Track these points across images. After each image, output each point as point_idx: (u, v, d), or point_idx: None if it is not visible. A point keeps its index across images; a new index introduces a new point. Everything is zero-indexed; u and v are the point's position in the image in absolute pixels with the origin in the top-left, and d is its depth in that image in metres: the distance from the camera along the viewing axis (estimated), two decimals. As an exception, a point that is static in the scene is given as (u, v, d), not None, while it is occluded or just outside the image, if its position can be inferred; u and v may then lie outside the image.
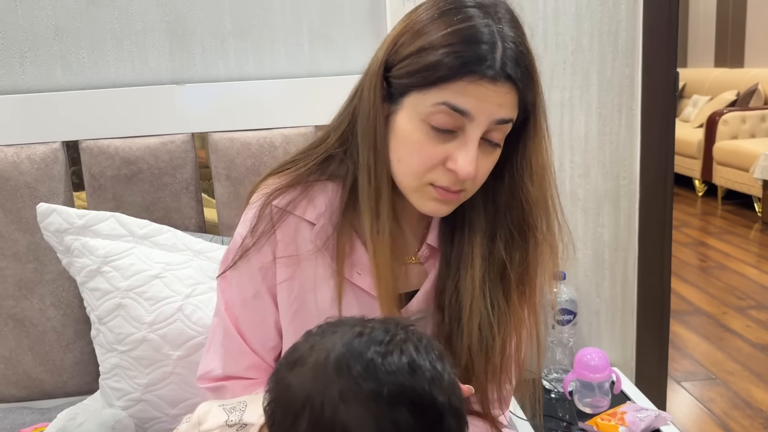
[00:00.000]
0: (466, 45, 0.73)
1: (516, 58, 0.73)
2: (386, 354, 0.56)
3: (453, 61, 0.72)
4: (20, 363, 1.41)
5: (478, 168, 0.76)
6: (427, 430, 0.55)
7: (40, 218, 1.25)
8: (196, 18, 1.39)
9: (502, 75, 0.73)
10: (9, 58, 1.37)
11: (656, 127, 1.54)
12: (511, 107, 0.75)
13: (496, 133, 0.77)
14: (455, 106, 0.73)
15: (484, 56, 0.72)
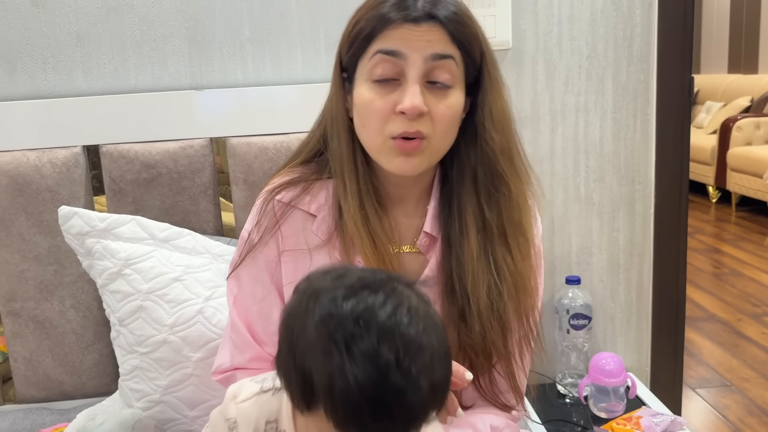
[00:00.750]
0: (384, 2, 0.81)
1: (438, 2, 0.80)
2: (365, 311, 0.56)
3: (378, 16, 0.81)
4: (40, 364, 1.43)
5: (432, 107, 0.80)
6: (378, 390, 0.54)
7: (62, 221, 1.27)
8: (215, 24, 1.41)
9: (425, 16, 0.79)
10: (32, 63, 1.40)
11: (671, 132, 1.54)
12: (443, 43, 0.80)
13: (439, 72, 0.80)
14: (386, 50, 0.80)
15: (404, 5, 0.79)
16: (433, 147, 0.83)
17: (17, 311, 1.40)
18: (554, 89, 1.49)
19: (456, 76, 0.82)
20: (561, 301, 1.50)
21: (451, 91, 0.82)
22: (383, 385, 0.54)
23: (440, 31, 0.79)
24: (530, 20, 1.46)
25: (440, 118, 0.81)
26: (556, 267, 1.57)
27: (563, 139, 1.51)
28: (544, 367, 1.60)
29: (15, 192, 1.36)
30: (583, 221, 1.55)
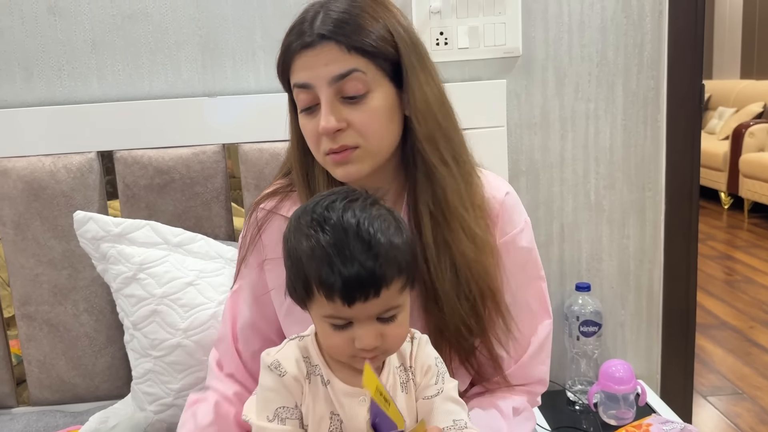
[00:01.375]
0: (295, 29, 0.86)
1: (331, 20, 0.83)
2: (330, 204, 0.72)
3: (285, 48, 0.86)
4: (54, 367, 1.44)
5: (352, 120, 0.84)
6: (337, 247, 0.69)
7: (77, 226, 1.28)
8: (228, 32, 1.43)
9: (317, 38, 0.82)
10: (48, 70, 1.42)
11: (681, 139, 1.54)
12: (340, 61, 0.82)
13: (348, 87, 0.83)
14: (297, 83, 0.85)
15: (302, 31, 0.84)
16: (369, 150, 0.86)
17: (32, 314, 1.42)
18: (564, 96, 1.49)
19: (369, 82, 0.84)
20: (571, 308, 1.50)
21: (369, 97, 0.84)
22: (349, 242, 0.69)
23: (334, 49, 0.82)
24: (540, 28, 1.46)
25: (362, 126, 0.84)
26: (566, 274, 1.57)
27: (573, 145, 1.51)
28: (554, 374, 1.59)
29: (30, 197, 1.38)
30: (593, 228, 1.55)
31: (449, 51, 1.44)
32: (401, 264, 0.72)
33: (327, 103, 0.83)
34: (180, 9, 1.41)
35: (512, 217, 0.95)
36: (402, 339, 0.77)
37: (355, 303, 0.69)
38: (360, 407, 0.75)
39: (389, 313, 0.72)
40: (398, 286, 0.72)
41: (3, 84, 1.42)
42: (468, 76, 1.47)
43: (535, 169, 1.52)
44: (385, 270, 0.70)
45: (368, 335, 0.71)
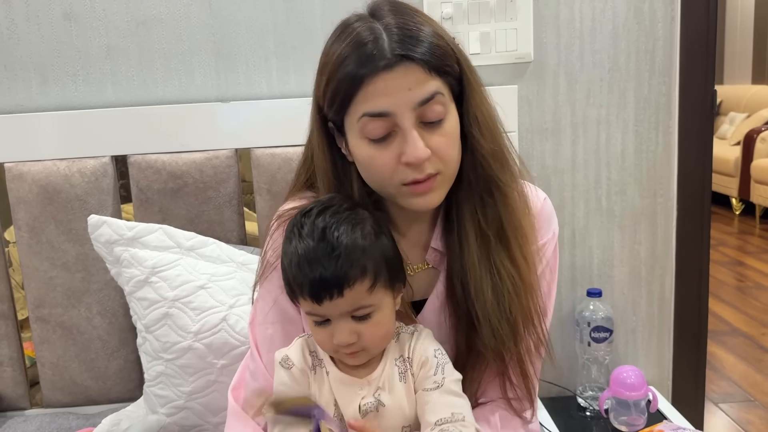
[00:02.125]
0: (354, 54, 0.76)
1: (403, 37, 0.76)
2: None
3: (349, 74, 0.76)
4: (67, 369, 1.46)
5: (434, 146, 0.79)
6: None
7: (91, 230, 1.29)
8: (241, 38, 1.44)
9: (395, 59, 0.75)
10: (63, 76, 1.44)
11: (693, 145, 1.53)
12: (423, 83, 0.77)
13: (430, 112, 0.78)
14: (372, 112, 0.77)
15: (371, 54, 0.75)
16: (448, 176, 0.83)
17: (45, 317, 1.43)
18: (576, 102, 1.49)
19: (446, 103, 0.80)
20: (582, 314, 1.50)
21: (446, 119, 0.80)
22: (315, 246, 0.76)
23: (417, 70, 0.76)
24: (552, 33, 1.46)
25: (444, 151, 0.80)
26: (578, 279, 1.57)
27: (585, 151, 1.51)
28: (565, 380, 1.59)
29: (45, 200, 1.40)
30: (604, 234, 1.55)
31: (461, 57, 1.44)
32: (366, 265, 0.77)
33: (413, 130, 0.77)
34: (193, 15, 1.42)
35: (545, 224, 0.94)
36: (381, 338, 0.81)
37: (322, 301, 0.76)
38: (353, 396, 0.81)
39: (361, 312, 0.78)
40: (366, 286, 0.77)
41: (19, 89, 1.44)
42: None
43: (547, 175, 1.52)
44: (347, 271, 0.75)
45: (342, 332, 0.78)
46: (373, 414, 0.81)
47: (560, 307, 1.58)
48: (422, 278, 0.92)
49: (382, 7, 0.80)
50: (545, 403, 1.52)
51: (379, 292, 0.79)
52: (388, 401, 0.82)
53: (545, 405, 1.51)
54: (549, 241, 0.93)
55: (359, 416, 0.81)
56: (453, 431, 0.78)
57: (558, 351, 1.59)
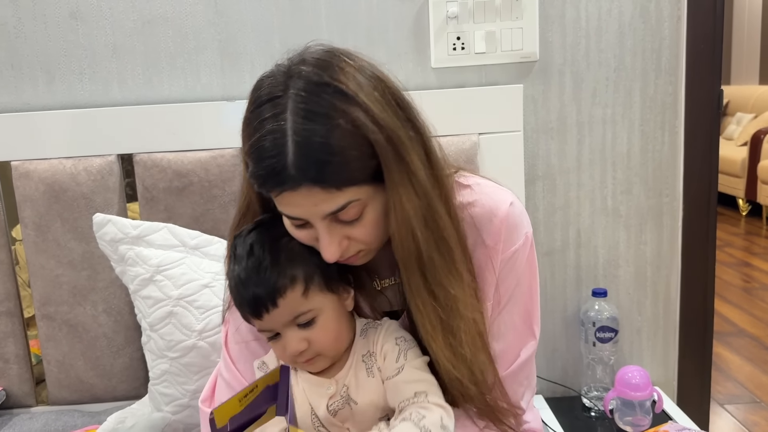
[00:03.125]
0: (258, 164, 0.71)
1: (306, 157, 0.69)
2: None
3: (256, 181, 0.73)
4: (72, 367, 1.46)
5: (354, 236, 0.77)
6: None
7: (96, 228, 1.30)
8: (247, 37, 1.44)
9: (299, 181, 0.70)
10: (69, 74, 1.44)
11: (700, 145, 1.53)
12: (330, 199, 0.72)
13: (345, 215, 0.74)
14: (286, 215, 0.77)
15: (272, 173, 0.70)
16: (373, 250, 0.81)
17: (51, 315, 1.44)
18: (581, 101, 1.49)
19: (365, 200, 0.74)
20: (587, 314, 1.50)
21: (365, 212, 0.76)
22: (245, 265, 0.79)
23: (320, 192, 0.71)
24: (558, 32, 1.46)
25: (364, 240, 0.78)
26: (583, 279, 1.56)
27: (590, 150, 1.51)
28: (569, 380, 1.59)
29: (51, 199, 1.40)
30: (610, 233, 1.55)
31: (466, 56, 1.44)
32: (294, 274, 0.79)
33: (325, 233, 0.75)
34: (199, 14, 1.43)
35: (513, 232, 0.87)
36: (333, 341, 0.82)
37: (262, 316, 0.79)
38: (322, 396, 0.83)
39: (303, 318, 0.80)
40: (298, 292, 0.79)
41: (26, 87, 1.44)
42: (485, 80, 1.47)
43: (552, 174, 1.51)
44: (275, 283, 0.78)
45: (290, 341, 0.80)
46: (346, 412, 0.83)
47: (565, 306, 1.57)
48: (395, 291, 0.90)
49: (291, 86, 0.71)
50: (550, 403, 1.51)
51: (316, 296, 0.80)
52: (359, 398, 0.82)
53: (550, 405, 1.51)
54: (520, 248, 0.87)
55: (329, 416, 0.83)
56: (412, 412, 0.77)
57: (563, 351, 1.59)
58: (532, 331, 0.92)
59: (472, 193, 0.88)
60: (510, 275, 0.88)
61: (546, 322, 1.58)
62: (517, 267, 0.88)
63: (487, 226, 0.86)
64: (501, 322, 0.89)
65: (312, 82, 0.71)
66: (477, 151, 1.43)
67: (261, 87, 0.75)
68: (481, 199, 0.87)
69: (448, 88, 1.46)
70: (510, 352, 0.90)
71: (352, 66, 0.74)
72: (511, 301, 0.89)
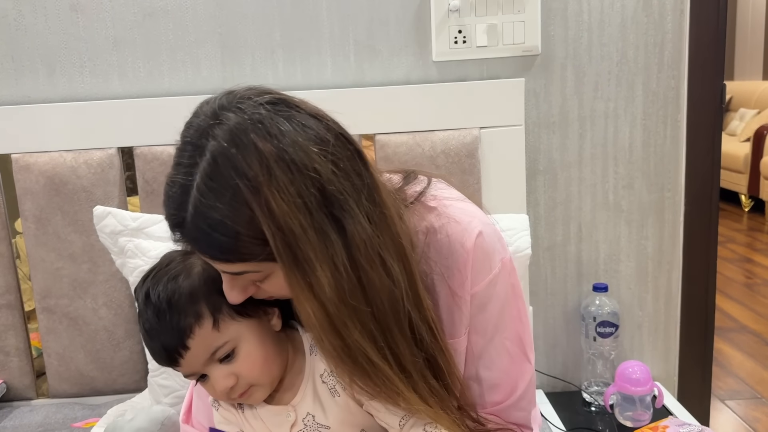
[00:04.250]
0: (166, 203, 0.71)
1: (200, 228, 0.67)
2: None
3: (164, 214, 0.72)
4: (73, 360, 1.46)
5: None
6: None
7: (96, 220, 1.30)
8: (247, 30, 1.44)
9: (193, 245, 0.69)
10: (70, 67, 1.44)
11: (702, 139, 1.52)
12: (225, 265, 0.70)
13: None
14: None
15: (175, 222, 0.70)
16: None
17: (52, 308, 1.44)
18: (583, 95, 1.48)
19: (266, 274, 0.71)
20: (588, 309, 1.49)
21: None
22: (147, 317, 0.75)
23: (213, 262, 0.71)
24: (560, 26, 1.45)
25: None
26: (584, 274, 1.56)
27: (592, 145, 1.50)
28: (570, 375, 1.59)
29: (52, 192, 1.40)
30: (611, 228, 1.54)
31: (468, 49, 1.43)
32: (198, 309, 0.74)
33: (227, 281, 0.73)
34: (200, 7, 1.42)
35: (485, 263, 0.81)
36: (261, 367, 0.76)
37: (178, 363, 0.75)
38: (284, 424, 0.79)
39: (222, 352, 0.75)
40: (207, 328, 0.74)
41: (26, 80, 1.44)
42: (486, 74, 1.46)
43: (553, 169, 1.51)
44: (179, 324, 0.73)
45: (217, 381, 0.75)
46: None
47: (566, 301, 1.57)
48: None
49: (218, 133, 0.67)
50: (550, 398, 1.51)
51: (228, 326, 0.75)
52: (330, 421, 0.78)
53: (550, 400, 1.50)
54: (496, 276, 0.82)
55: None
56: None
57: (563, 346, 1.59)
58: (526, 357, 0.87)
59: (438, 217, 0.81)
60: (490, 304, 0.83)
61: (547, 317, 1.58)
62: (496, 295, 0.83)
63: (453, 259, 0.80)
64: (492, 350, 0.85)
65: (224, 155, 0.66)
66: (478, 145, 1.43)
67: (190, 126, 0.72)
68: (446, 226, 0.80)
69: (449, 81, 1.45)
70: (506, 380, 0.86)
71: (272, 144, 0.66)
72: (499, 329, 0.84)
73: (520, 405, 0.87)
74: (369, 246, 0.69)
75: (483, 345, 0.84)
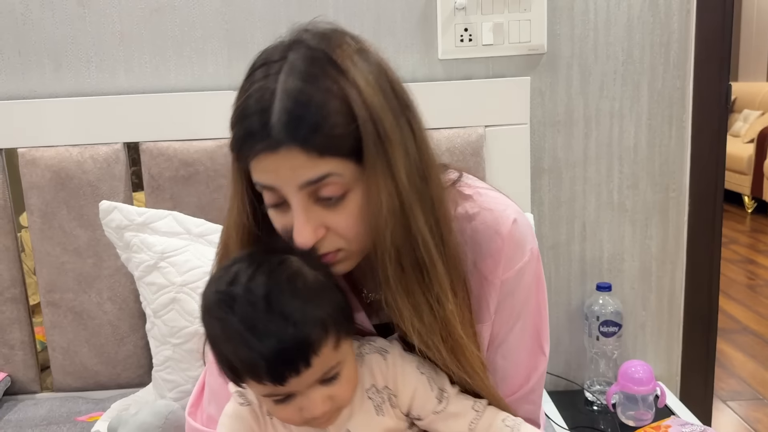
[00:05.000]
0: (240, 124, 0.68)
1: (292, 116, 0.66)
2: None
3: (235, 144, 0.70)
4: (77, 354, 1.47)
5: (332, 225, 0.71)
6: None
7: (102, 215, 1.30)
8: (254, 27, 1.44)
9: (277, 142, 0.66)
10: (76, 62, 1.44)
11: (707, 140, 1.52)
12: (310, 166, 0.67)
13: (322, 191, 0.69)
14: (259, 183, 0.70)
15: (254, 131, 0.67)
16: (354, 251, 0.74)
17: (57, 302, 1.45)
18: (589, 94, 1.48)
19: (347, 180, 0.69)
20: (591, 308, 1.50)
21: (348, 197, 0.70)
22: (261, 317, 0.63)
23: (300, 155, 0.66)
24: (566, 25, 1.45)
25: (344, 231, 0.71)
26: (587, 273, 1.56)
27: (597, 144, 1.50)
28: (572, 374, 1.59)
29: (57, 186, 1.41)
30: (615, 228, 1.54)
31: (473, 47, 1.44)
32: (326, 322, 0.65)
33: (300, 211, 0.69)
34: (206, 3, 1.42)
35: (517, 250, 0.82)
36: (352, 390, 0.72)
37: (286, 380, 0.64)
38: None
39: (330, 374, 0.67)
40: (330, 345, 0.66)
41: (33, 75, 1.44)
42: (492, 72, 1.46)
43: (558, 168, 1.51)
44: (309, 335, 0.64)
45: (314, 404, 0.67)
46: None
47: (569, 300, 1.57)
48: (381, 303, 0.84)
49: (293, 51, 0.69)
50: (552, 397, 1.52)
51: (344, 344, 0.68)
52: None
53: (552, 398, 1.51)
54: (525, 265, 0.83)
55: None
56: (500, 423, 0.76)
57: (566, 345, 1.59)
58: (542, 349, 0.88)
59: (474, 205, 0.82)
60: (516, 293, 0.84)
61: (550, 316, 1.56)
62: (523, 284, 0.84)
63: (487, 245, 0.81)
64: (511, 340, 0.85)
65: (311, 49, 0.69)
66: (483, 143, 1.43)
67: (259, 56, 0.72)
68: (482, 213, 0.81)
69: (455, 79, 1.46)
70: (520, 371, 0.87)
71: (352, 46, 0.71)
72: (520, 319, 0.85)
73: (530, 398, 0.88)
74: (430, 151, 0.75)
75: (503, 334, 0.85)
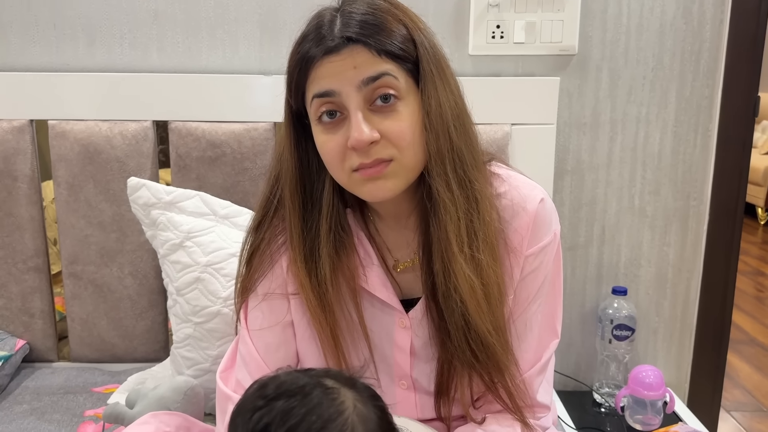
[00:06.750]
0: (305, 39, 0.78)
1: (356, 21, 0.76)
2: None
3: (301, 58, 0.78)
4: (96, 326, 1.49)
5: (385, 130, 0.76)
6: None
7: (130, 191, 1.32)
8: (287, 12, 1.44)
9: (342, 41, 0.75)
10: (110, 38, 1.45)
11: (732, 150, 1.52)
12: (371, 63, 0.75)
13: (380, 92, 0.76)
14: (318, 93, 0.77)
15: (322, 37, 0.76)
16: (404, 163, 0.78)
17: (78, 274, 1.47)
18: (617, 98, 1.49)
19: (401, 87, 0.77)
20: (605, 311, 1.50)
21: (401, 104, 0.77)
22: None
23: (363, 51, 0.75)
24: (598, 27, 1.45)
25: (397, 137, 0.77)
26: (603, 276, 1.57)
27: (621, 148, 1.51)
28: (582, 375, 1.60)
29: (86, 160, 1.42)
30: (634, 233, 1.55)
31: (504, 45, 1.44)
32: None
33: (358, 111, 0.75)
34: (242, -14, 1.43)
35: (542, 228, 0.86)
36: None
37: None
38: None
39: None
40: None
41: (66, 48, 1.46)
42: (522, 71, 1.47)
43: (581, 170, 1.52)
44: None
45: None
46: None
47: (584, 302, 1.58)
48: (410, 275, 0.89)
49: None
50: (561, 397, 1.53)
51: None
52: None
53: (561, 398, 1.52)
54: (548, 245, 0.87)
55: None
56: None
57: (578, 346, 1.60)
58: (554, 330, 0.92)
59: (503, 184, 0.86)
60: (537, 271, 0.87)
61: (563, 316, 1.58)
62: (544, 264, 0.87)
63: (513, 221, 0.85)
64: (526, 319, 0.88)
65: None
66: (509, 141, 1.43)
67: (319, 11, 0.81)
68: (510, 191, 0.86)
69: (484, 76, 1.46)
70: (532, 350, 0.89)
71: (403, 4, 0.82)
72: (537, 298, 0.88)
73: (538, 379, 0.90)
74: (464, 106, 0.84)
75: (520, 311, 0.88)
